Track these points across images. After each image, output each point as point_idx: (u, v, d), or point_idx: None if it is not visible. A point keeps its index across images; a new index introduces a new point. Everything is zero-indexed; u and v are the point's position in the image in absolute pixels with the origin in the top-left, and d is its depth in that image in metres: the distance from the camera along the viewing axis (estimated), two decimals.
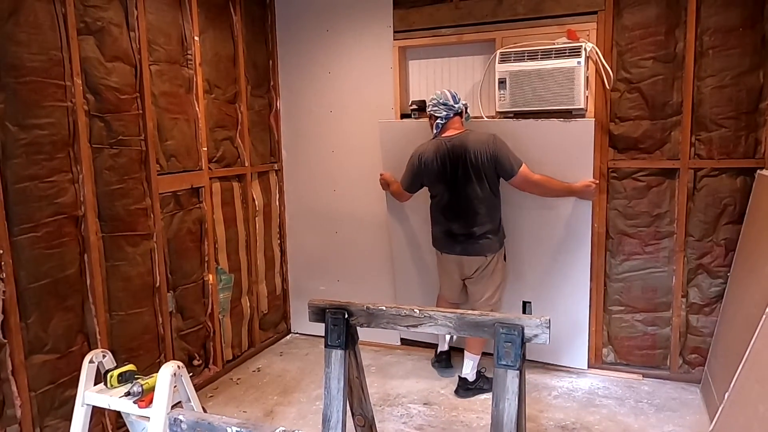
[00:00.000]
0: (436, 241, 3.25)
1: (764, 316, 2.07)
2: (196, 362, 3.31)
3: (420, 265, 3.69)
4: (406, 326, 2.07)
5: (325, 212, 4.00)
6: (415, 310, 2.04)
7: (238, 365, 3.66)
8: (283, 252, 4.14)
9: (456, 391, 3.21)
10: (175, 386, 2.27)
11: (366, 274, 3.94)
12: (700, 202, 3.12)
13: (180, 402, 2.34)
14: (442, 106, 3.07)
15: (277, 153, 4.02)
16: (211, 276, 3.39)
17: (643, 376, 3.33)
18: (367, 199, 3.85)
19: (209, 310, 3.41)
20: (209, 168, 3.35)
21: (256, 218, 3.82)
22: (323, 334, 2.20)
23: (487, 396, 3.12)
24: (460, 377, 3.22)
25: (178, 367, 2.25)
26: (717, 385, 2.90)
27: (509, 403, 1.88)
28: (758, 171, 2.97)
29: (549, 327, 1.89)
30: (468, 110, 3.16)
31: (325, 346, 2.19)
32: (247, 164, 3.68)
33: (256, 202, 3.81)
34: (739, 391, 2.09)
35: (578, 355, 3.47)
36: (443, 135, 3.09)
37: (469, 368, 3.20)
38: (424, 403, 3.11)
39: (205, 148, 3.31)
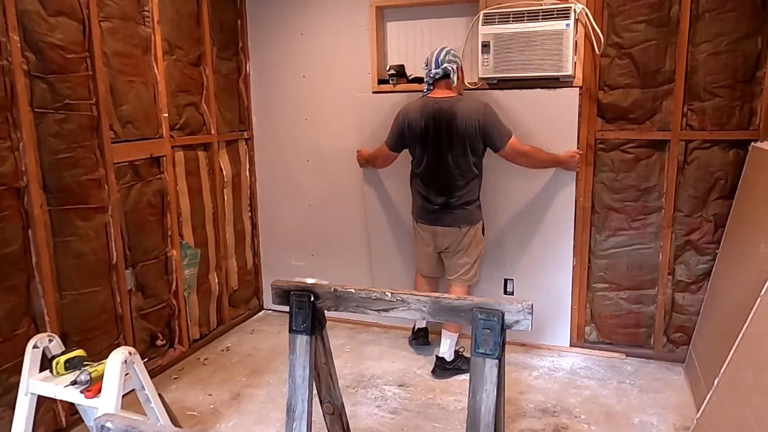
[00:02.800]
0: (414, 210, 3.09)
1: (759, 299, 1.93)
2: (159, 342, 3.13)
3: (398, 240, 3.52)
4: (377, 310, 1.90)
5: (298, 184, 3.80)
6: (387, 293, 1.87)
7: (206, 344, 3.49)
8: (254, 225, 3.94)
9: (433, 372, 3.08)
10: (127, 373, 2.10)
11: (341, 248, 3.76)
12: (691, 175, 2.97)
13: (133, 390, 2.17)
14: (425, 68, 2.91)
15: (246, 120, 3.78)
16: (174, 251, 3.18)
17: (627, 355, 3.23)
18: (342, 170, 3.64)
19: (173, 288, 3.21)
20: (171, 136, 3.12)
21: (225, 190, 3.61)
22: None
23: (465, 377, 2.99)
24: (437, 357, 3.08)
25: (129, 353, 2.07)
26: (702, 365, 2.80)
27: (487, 394, 1.73)
28: (752, 143, 2.82)
29: (531, 312, 1.74)
30: (462, 68, 2.97)
31: (290, 331, 2.01)
32: (213, 132, 3.44)
33: (224, 173, 3.59)
34: (731, 377, 1.97)
35: (560, 334, 3.35)
36: (431, 96, 2.91)
37: (446, 347, 3.06)
38: (400, 385, 2.98)
39: (166, 114, 3.06)
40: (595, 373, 3.07)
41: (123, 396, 2.10)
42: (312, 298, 1.98)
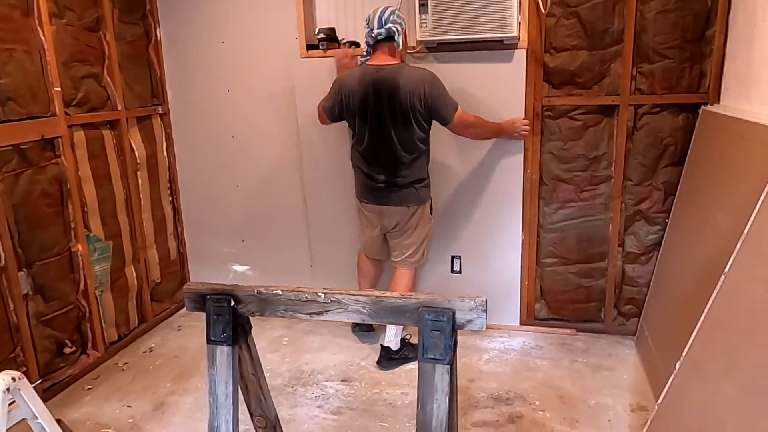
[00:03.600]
0: (357, 189, 2.82)
1: (724, 277, 1.79)
2: (68, 350, 2.76)
3: (339, 219, 3.25)
4: (309, 314, 1.64)
5: (223, 162, 3.44)
6: (319, 294, 1.60)
7: (125, 346, 3.13)
8: (176, 211, 3.56)
9: (378, 362, 2.86)
10: (12, 402, 1.76)
11: (275, 231, 3.45)
12: (640, 142, 2.83)
13: (24, 419, 1.83)
14: (367, 29, 2.59)
15: (160, 94, 3.37)
16: (80, 246, 2.79)
17: (577, 331, 3.12)
18: (273, 146, 3.31)
19: (82, 287, 2.83)
20: (67, 113, 2.69)
21: (138, 173, 3.21)
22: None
23: (413, 365, 2.79)
24: (382, 346, 2.86)
25: (13, 378, 1.73)
26: (655, 339, 2.70)
27: (438, 404, 1.51)
28: (702, 107, 2.69)
29: (485, 310, 1.51)
30: (406, 32, 2.64)
31: (208, 342, 1.72)
32: (120, 107, 3.02)
33: (137, 154, 3.18)
34: (695, 361, 1.84)
35: (510, 312, 3.20)
36: (371, 63, 2.60)
37: (391, 335, 2.84)
38: (343, 380, 2.74)
39: (59, 89, 2.63)
40: (547, 352, 2.94)
41: (9, 429, 1.77)
42: (232, 303, 1.69)
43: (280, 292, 1.64)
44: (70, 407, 2.59)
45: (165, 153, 3.43)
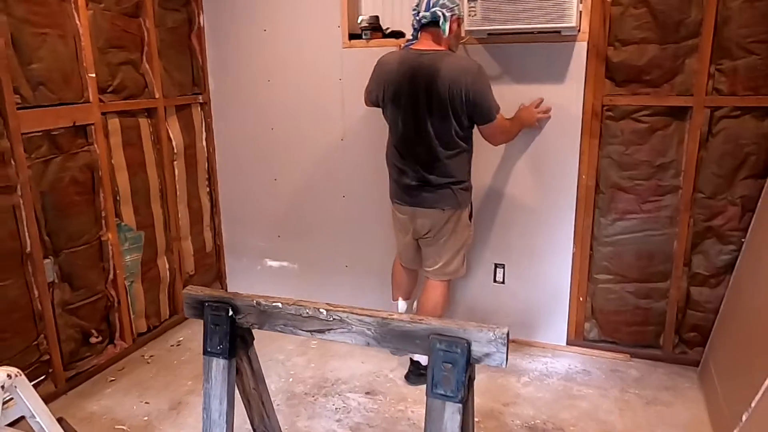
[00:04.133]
0: (390, 189, 2.62)
1: None
2: (93, 339, 2.73)
3: (379, 219, 3.06)
4: (310, 331, 1.47)
5: (261, 155, 3.33)
6: (321, 311, 1.44)
7: (155, 338, 3.09)
8: (213, 202, 3.49)
9: (407, 377, 2.67)
10: (9, 399, 1.69)
11: (312, 229, 3.31)
12: (716, 150, 2.49)
13: (23, 417, 1.77)
14: (414, 12, 2.39)
15: (201, 82, 3.29)
16: (110, 235, 2.75)
17: (631, 357, 2.81)
18: (312, 139, 3.17)
19: (111, 276, 2.79)
20: (101, 100, 2.64)
21: (175, 162, 3.15)
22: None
23: None
24: (411, 360, 2.67)
25: (9, 375, 1.66)
26: (720, 374, 2.38)
27: None
28: None
29: (506, 343, 1.29)
30: (460, 20, 2.41)
31: (204, 353, 1.59)
32: (158, 96, 2.96)
33: (174, 143, 3.12)
34: (766, 418, 1.54)
35: (556, 330, 2.93)
36: (414, 48, 2.40)
37: None
38: (367, 392, 2.57)
39: (93, 75, 2.58)
40: (595, 378, 2.65)
41: (10, 425, 1.71)
42: (231, 313, 1.55)
43: (280, 305, 1.49)
44: (90, 399, 2.55)
45: (204, 143, 3.36)
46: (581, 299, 2.85)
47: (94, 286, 2.72)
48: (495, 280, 2.97)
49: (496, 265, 2.95)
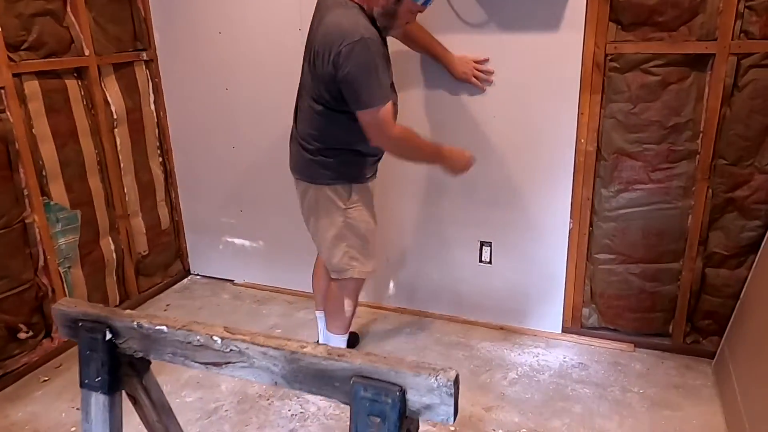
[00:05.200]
0: None
1: None
2: (22, 335, 2.41)
3: None
4: (204, 363, 1.12)
5: (217, 120, 2.93)
6: (215, 339, 1.08)
7: None
8: (168, 174, 3.11)
9: None
10: None
11: (276, 203, 2.94)
12: (743, 106, 2.06)
13: None
14: None
15: (145, 37, 2.86)
16: (36, 216, 2.40)
17: (635, 347, 2.46)
18: (269, 101, 2.76)
19: (41, 263, 2.45)
20: (10, 59, 2.24)
21: (116, 130, 2.76)
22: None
23: None
24: None
25: None
26: (738, 368, 2.03)
27: None
28: None
29: (454, 394, 0.92)
30: None
31: (81, 385, 1.25)
32: (88, 53, 2.55)
33: (114, 108, 2.72)
34: None
35: (550, 316, 2.58)
36: None
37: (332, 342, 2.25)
38: None
39: None
40: (593, 374, 2.31)
41: None
42: (109, 336, 1.19)
43: (165, 328, 1.13)
44: (16, 404, 2.25)
45: (152, 107, 2.96)
46: (579, 281, 2.49)
47: (20, 276, 2.38)
48: (481, 260, 2.60)
49: (482, 243, 2.58)
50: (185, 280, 3.26)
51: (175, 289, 3.16)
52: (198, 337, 1.09)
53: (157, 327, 1.13)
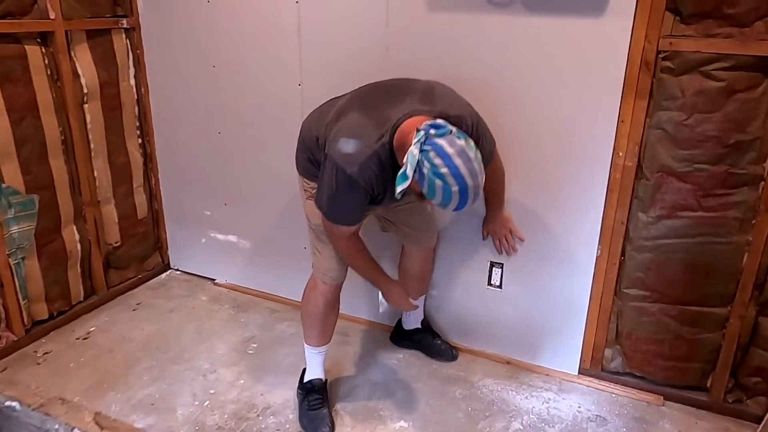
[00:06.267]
0: None
1: None
2: None
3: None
4: None
5: (202, 101, 2.59)
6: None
7: (59, 327, 2.48)
8: (148, 157, 2.80)
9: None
10: None
11: (264, 198, 2.61)
12: None
13: None
14: None
15: (127, 1, 2.53)
16: None
17: (665, 399, 2.09)
18: (259, 83, 2.42)
19: None
20: None
21: (86, 105, 2.44)
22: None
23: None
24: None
25: None
26: None
27: None
28: None
29: None
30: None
31: None
32: (54, 15, 2.23)
33: (84, 80, 2.41)
34: None
35: (566, 355, 2.21)
36: None
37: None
38: None
39: None
40: (611, 430, 1.95)
41: None
42: None
43: (17, 405, 0.81)
44: None
45: (132, 81, 2.63)
46: (603, 317, 2.11)
47: None
48: (490, 283, 2.25)
49: (492, 264, 2.22)
50: (163, 275, 2.95)
51: (151, 285, 2.86)
52: (57, 426, 0.76)
53: (8, 404, 0.80)
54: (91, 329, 2.49)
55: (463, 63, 1.99)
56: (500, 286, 2.23)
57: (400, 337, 2.37)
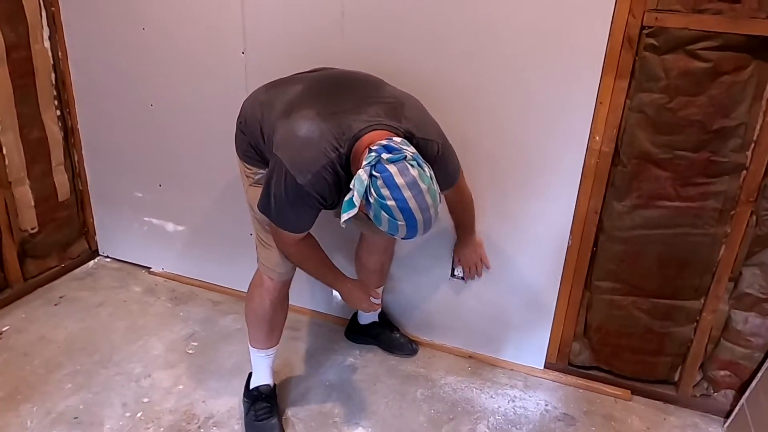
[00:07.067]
0: None
1: None
2: None
3: None
4: None
5: (131, 67, 2.28)
6: None
7: None
8: (69, 132, 2.47)
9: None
10: None
11: (203, 180, 2.35)
12: None
13: None
14: None
15: None
16: None
17: (633, 393, 2.01)
18: (196, 49, 2.13)
19: None
20: None
21: None
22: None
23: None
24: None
25: None
26: None
27: None
28: None
29: None
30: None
31: None
32: None
33: None
34: None
35: (532, 348, 2.10)
36: None
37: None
38: None
39: None
40: (579, 429, 1.85)
41: None
42: None
43: None
44: None
45: (46, 44, 2.29)
46: (572, 310, 2.00)
47: None
48: (453, 275, 2.09)
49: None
50: (90, 263, 2.66)
51: (76, 275, 2.57)
52: None
53: None
54: (4, 329, 2.19)
55: (427, 34, 1.79)
56: (463, 278, 2.08)
57: (356, 332, 2.20)
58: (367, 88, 1.50)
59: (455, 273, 2.07)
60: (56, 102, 2.37)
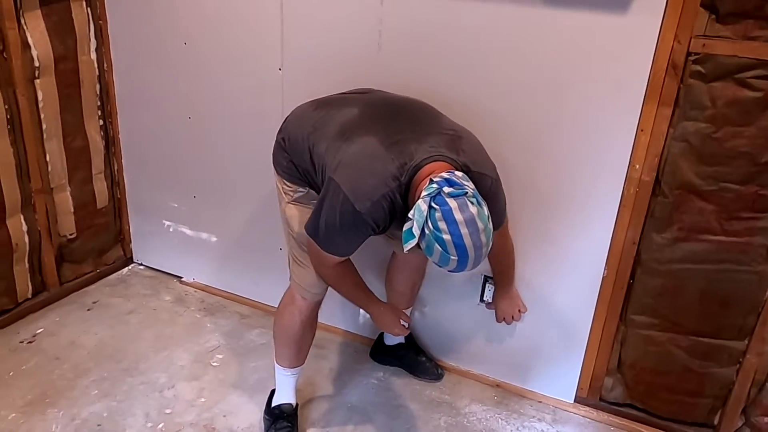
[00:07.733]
0: None
1: None
2: None
3: None
4: None
5: (172, 80, 2.33)
6: None
7: (4, 327, 2.24)
8: (110, 141, 2.53)
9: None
10: None
11: (236, 193, 2.37)
12: None
13: None
14: None
15: None
16: None
17: None
18: (235, 66, 2.16)
19: None
20: None
21: (38, 81, 2.17)
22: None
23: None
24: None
25: None
26: None
27: None
28: None
29: None
30: None
31: None
32: None
33: (36, 52, 2.13)
34: None
35: (562, 381, 2.02)
36: None
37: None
38: None
39: None
40: None
41: None
42: None
43: None
44: None
45: (93, 56, 2.35)
46: (606, 344, 1.92)
47: None
48: (482, 299, 2.04)
49: (486, 279, 2.01)
50: (125, 270, 2.70)
51: (110, 281, 2.61)
52: None
53: None
54: (38, 331, 2.24)
55: (466, 53, 1.76)
56: (492, 303, 2.02)
57: (382, 353, 2.16)
58: (425, 118, 1.49)
59: (484, 298, 2.02)
60: (99, 112, 2.44)
